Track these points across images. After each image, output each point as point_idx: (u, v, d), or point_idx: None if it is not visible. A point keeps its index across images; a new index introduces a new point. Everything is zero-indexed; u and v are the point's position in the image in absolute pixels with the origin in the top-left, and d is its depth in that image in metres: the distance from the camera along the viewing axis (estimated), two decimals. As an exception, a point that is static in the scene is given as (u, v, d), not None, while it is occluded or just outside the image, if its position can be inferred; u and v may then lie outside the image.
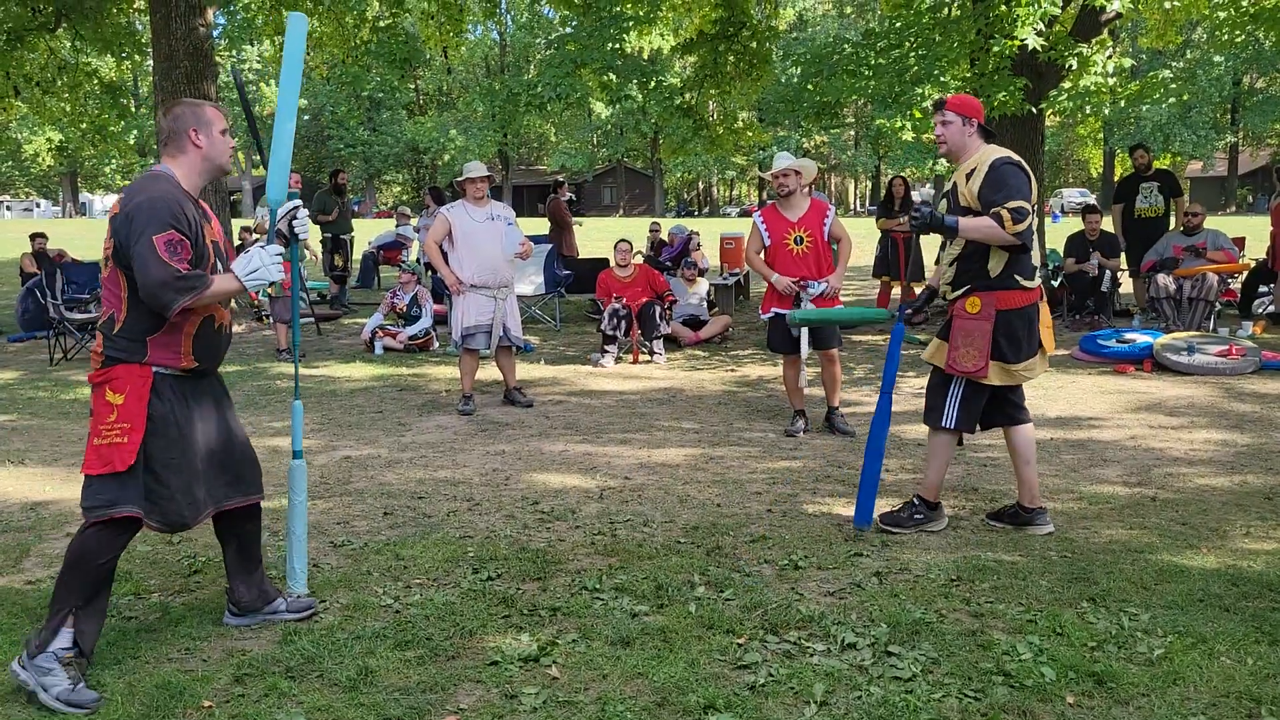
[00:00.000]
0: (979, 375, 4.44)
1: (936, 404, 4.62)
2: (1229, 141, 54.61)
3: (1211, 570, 4.10)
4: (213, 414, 3.57)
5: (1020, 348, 4.47)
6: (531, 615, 3.81)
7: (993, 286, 4.44)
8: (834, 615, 3.75)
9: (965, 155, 4.53)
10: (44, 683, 3.17)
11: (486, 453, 6.34)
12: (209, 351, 3.50)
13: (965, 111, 4.49)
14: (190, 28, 12.04)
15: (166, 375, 3.38)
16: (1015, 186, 4.30)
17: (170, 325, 3.34)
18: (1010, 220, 4.24)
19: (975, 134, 4.52)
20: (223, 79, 51.66)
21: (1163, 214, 11.20)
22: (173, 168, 3.44)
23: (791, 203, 6.65)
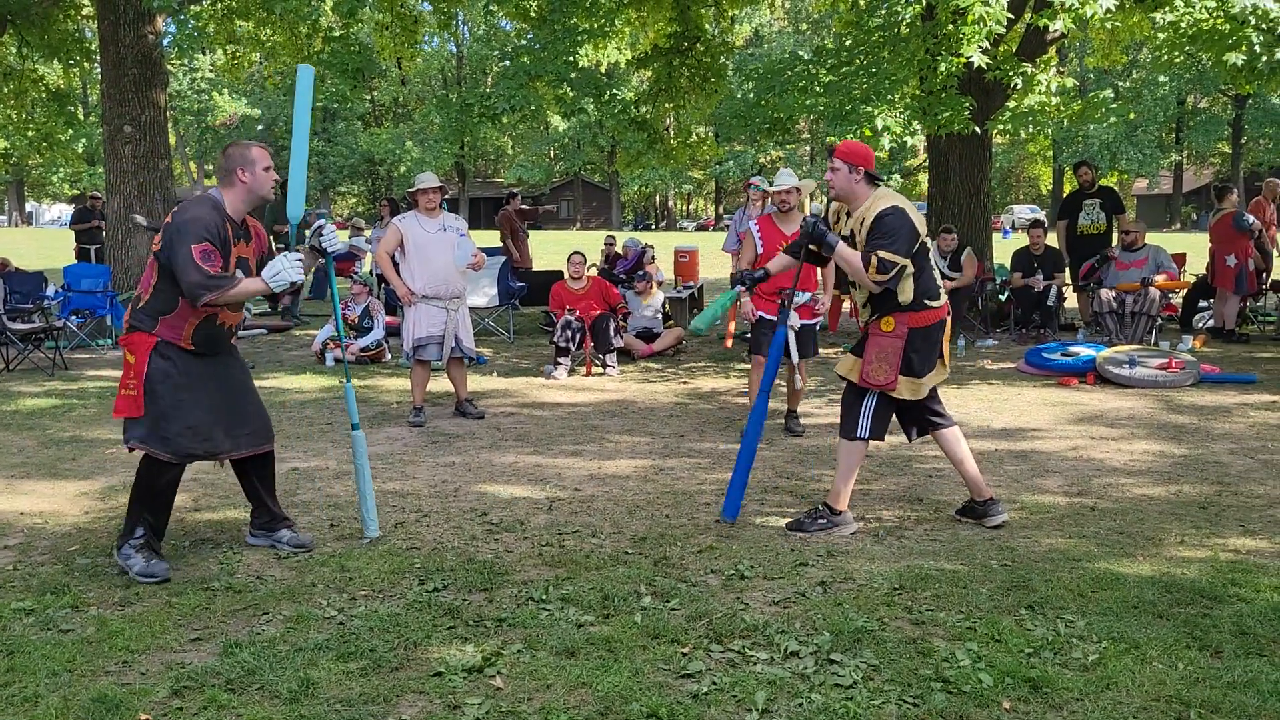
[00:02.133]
0: (889, 388, 4.72)
1: (851, 416, 4.86)
2: (1174, 160, 55.75)
3: (1146, 578, 4.19)
4: (223, 379, 4.44)
5: (926, 362, 4.76)
6: (477, 626, 3.81)
7: (905, 310, 4.72)
8: (778, 624, 3.79)
9: (855, 201, 4.80)
10: (127, 564, 4.29)
11: (436, 464, 6.32)
12: (208, 342, 4.36)
13: (852, 159, 4.72)
14: (139, 35, 11.94)
15: (168, 343, 4.26)
16: (894, 236, 4.58)
17: (177, 313, 4.24)
18: (875, 268, 4.58)
19: (862, 181, 4.75)
20: (174, 87, 50.78)
21: (1105, 230, 11.43)
22: (223, 194, 4.36)
23: (789, 218, 6.98)
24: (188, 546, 4.75)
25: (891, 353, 4.69)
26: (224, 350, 4.50)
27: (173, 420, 4.24)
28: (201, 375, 4.34)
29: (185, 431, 4.27)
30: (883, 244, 4.59)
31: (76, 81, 20.61)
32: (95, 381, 9.43)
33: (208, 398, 4.35)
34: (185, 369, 4.28)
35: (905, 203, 4.73)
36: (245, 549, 4.71)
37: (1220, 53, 8.08)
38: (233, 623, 3.87)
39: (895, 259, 4.60)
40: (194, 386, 4.30)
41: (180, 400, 4.26)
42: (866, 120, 8.71)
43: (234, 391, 4.49)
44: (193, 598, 4.09)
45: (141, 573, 4.25)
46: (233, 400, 4.47)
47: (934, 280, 4.79)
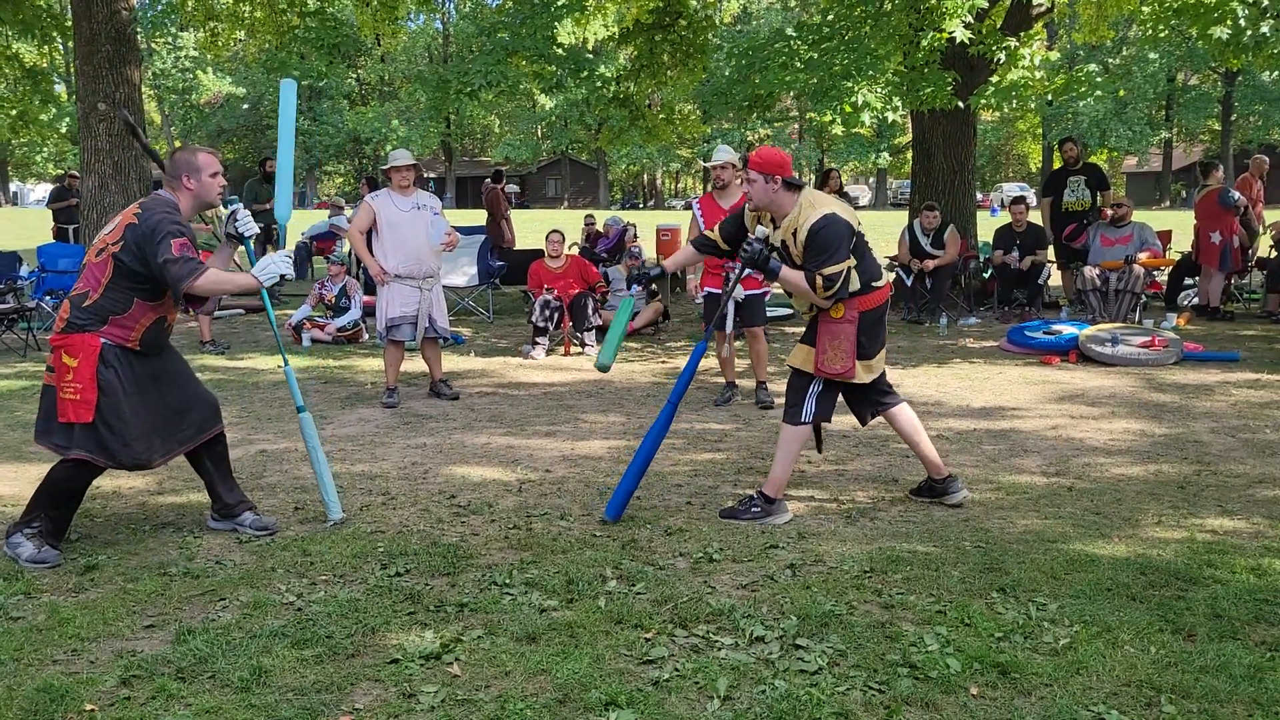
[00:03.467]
0: (847, 376, 4.59)
1: (795, 401, 4.71)
2: (1163, 137, 55.66)
3: (1121, 559, 4.12)
4: (164, 375, 4.40)
5: (876, 342, 4.68)
6: (437, 612, 3.73)
7: (854, 295, 4.59)
8: (744, 608, 3.71)
9: (780, 212, 4.62)
10: (16, 553, 4.19)
11: (407, 446, 6.23)
12: (153, 342, 4.34)
13: (766, 169, 4.54)
14: (113, 10, 11.74)
15: (112, 346, 4.17)
16: (832, 249, 4.44)
17: (130, 314, 4.19)
18: (821, 288, 4.45)
19: (780, 189, 4.57)
20: (158, 66, 50.46)
21: (1090, 207, 11.34)
22: (175, 195, 4.35)
23: (727, 193, 7.07)
24: (147, 531, 4.66)
25: (845, 339, 4.56)
26: (164, 346, 4.49)
27: (119, 434, 4.20)
28: (144, 378, 4.30)
29: (133, 443, 4.23)
30: (823, 260, 4.44)
31: (59, 59, 20.36)
32: (67, 363, 9.29)
33: (152, 403, 4.32)
34: (130, 376, 4.24)
35: (831, 203, 4.58)
36: (206, 533, 4.62)
37: (1205, 26, 7.98)
38: (188, 609, 3.78)
39: (838, 269, 4.46)
40: (138, 394, 4.26)
41: (124, 413, 4.20)
42: (847, 96, 8.60)
43: (174, 387, 4.46)
44: (149, 583, 4.00)
45: (31, 559, 4.16)
46: (174, 396, 4.43)
47: (875, 262, 4.69)
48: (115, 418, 4.18)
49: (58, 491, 4.27)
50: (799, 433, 4.72)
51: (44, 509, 4.25)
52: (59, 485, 4.26)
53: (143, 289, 4.21)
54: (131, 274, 4.17)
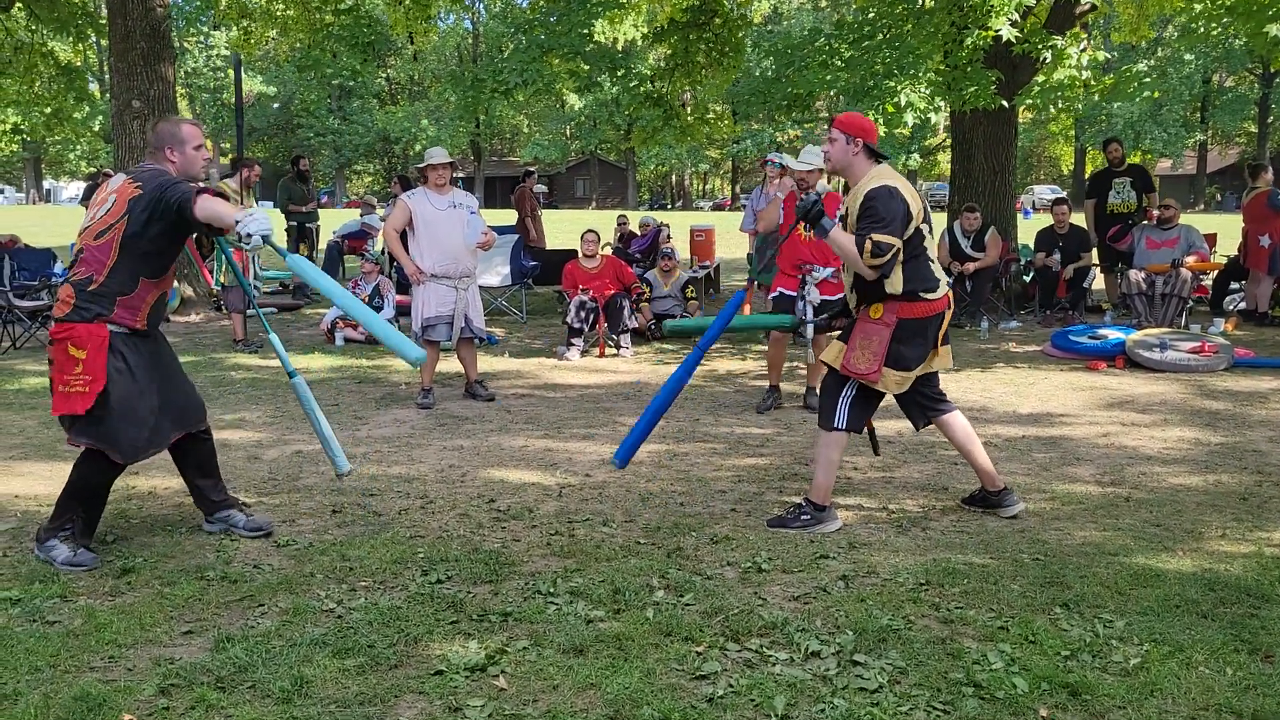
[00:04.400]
0: (870, 379, 4.44)
1: (828, 405, 4.58)
2: (1198, 140, 54.96)
3: (1188, 574, 3.97)
4: (161, 364, 4.34)
5: (914, 356, 4.48)
6: (481, 621, 3.62)
7: (896, 299, 4.42)
8: (798, 621, 3.58)
9: (853, 175, 4.51)
10: (51, 556, 4.15)
11: (444, 448, 6.13)
12: (155, 319, 4.32)
13: (850, 130, 4.46)
14: (148, 8, 11.73)
15: (120, 334, 4.12)
16: (883, 218, 4.29)
17: (137, 293, 4.14)
18: (869, 251, 4.28)
19: (860, 154, 4.47)
20: (190, 65, 50.55)
21: (1135, 209, 11.11)
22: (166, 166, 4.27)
23: (781, 189, 7.02)
24: (184, 533, 4.58)
25: (877, 341, 4.41)
26: (158, 328, 4.43)
27: (129, 420, 4.14)
28: (145, 363, 4.23)
29: (139, 431, 4.19)
30: (876, 227, 4.28)
31: (93, 57, 20.46)
32: (102, 360, 9.28)
33: (153, 386, 4.25)
34: (135, 361, 4.18)
35: (902, 182, 4.42)
36: (242, 536, 4.53)
37: (1259, 25, 7.77)
38: (226, 615, 3.70)
39: (890, 241, 4.28)
40: (142, 378, 4.19)
41: (131, 398, 4.14)
42: (889, 96, 8.44)
43: (170, 372, 4.42)
44: (186, 587, 3.92)
45: (67, 562, 4.12)
46: (171, 381, 4.39)
47: (931, 271, 4.46)
48: (119, 405, 4.10)
49: (79, 489, 4.21)
50: (835, 438, 4.58)
51: (72, 509, 4.20)
52: (79, 482, 4.21)
53: (147, 266, 4.16)
54: (140, 252, 4.11)
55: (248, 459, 5.87)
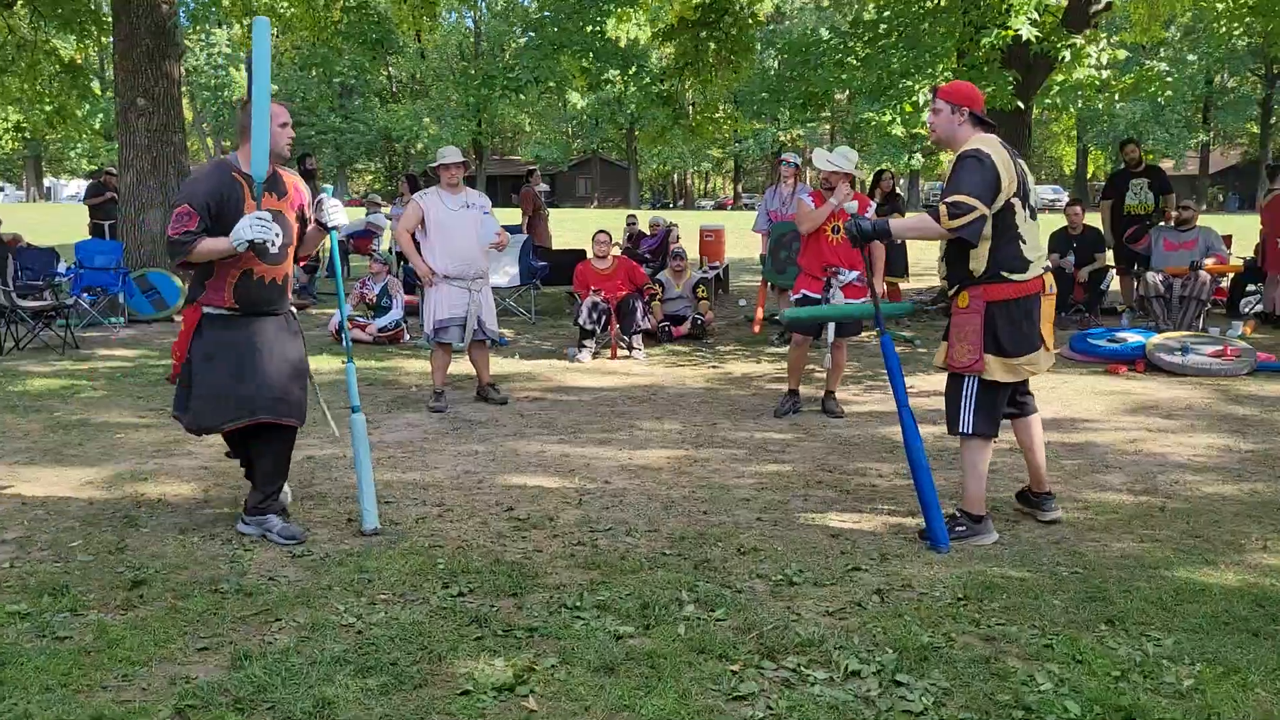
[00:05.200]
0: (975, 369, 4.30)
1: (952, 410, 4.45)
2: (1200, 140, 54.83)
3: (1233, 589, 3.85)
4: (268, 347, 4.43)
5: (1018, 340, 4.29)
6: (506, 637, 3.50)
7: (979, 282, 4.28)
8: (835, 638, 3.46)
9: (956, 145, 4.32)
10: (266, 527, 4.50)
11: (458, 453, 6.01)
12: (248, 298, 4.38)
13: (955, 99, 4.30)
14: (152, 5, 11.62)
15: (213, 315, 4.38)
16: (966, 181, 4.12)
17: (216, 275, 4.34)
18: (946, 215, 4.14)
19: (966, 122, 4.31)
20: (191, 62, 50.28)
21: (1152, 211, 10.98)
22: (238, 154, 4.41)
23: (836, 196, 6.68)
24: (196, 542, 4.45)
25: (970, 331, 4.27)
26: (269, 312, 4.48)
27: (193, 391, 4.40)
28: (232, 342, 4.38)
29: (201, 401, 4.37)
30: (957, 189, 4.11)
31: (94, 55, 20.32)
32: (106, 362, 9.16)
33: (231, 364, 4.37)
34: (217, 338, 4.38)
35: (999, 151, 4.18)
36: (257, 545, 4.41)
37: (1284, 22, 7.66)
38: (242, 630, 3.57)
39: (968, 201, 4.09)
40: (219, 355, 4.37)
41: (201, 370, 4.38)
42: (907, 95, 8.32)
43: (266, 358, 4.43)
44: (200, 601, 3.79)
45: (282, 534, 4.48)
46: (262, 365, 4.41)
47: (1020, 250, 4.25)
48: (192, 377, 4.42)
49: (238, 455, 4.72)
50: (973, 444, 4.41)
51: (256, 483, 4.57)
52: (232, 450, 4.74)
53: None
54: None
55: (258, 464, 5.74)
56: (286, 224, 4.45)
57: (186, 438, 6.32)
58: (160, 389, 7.87)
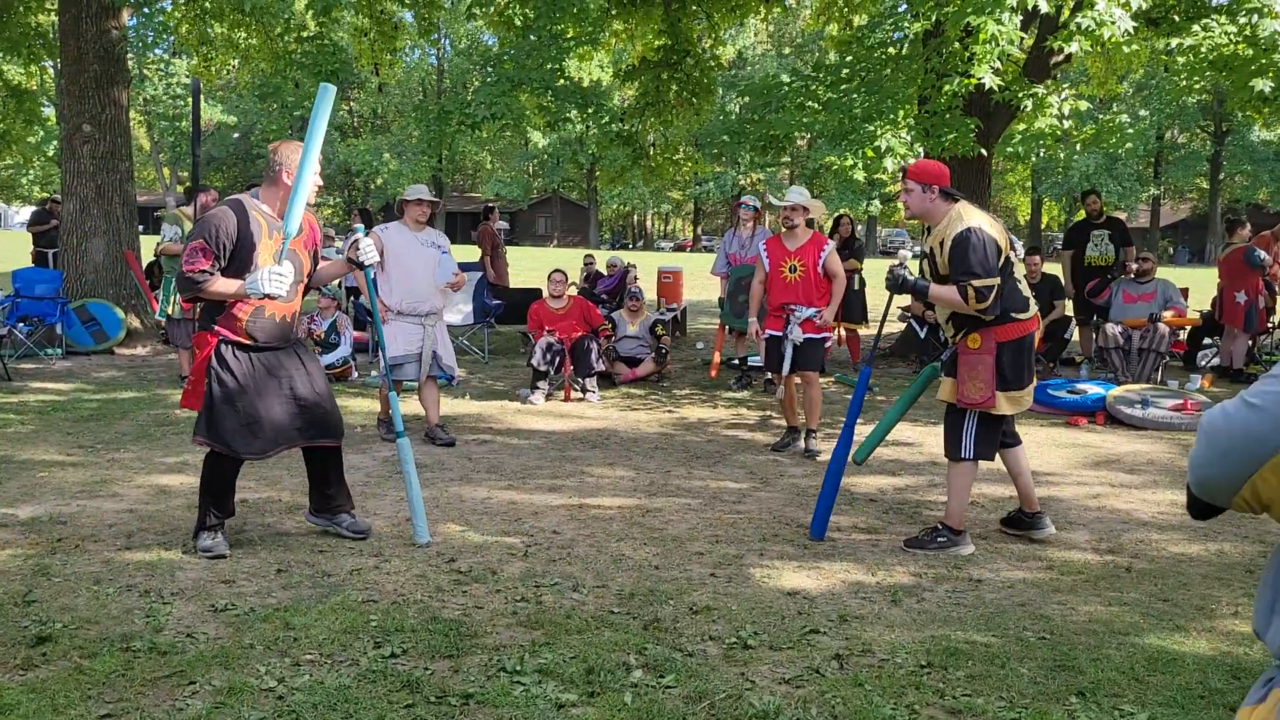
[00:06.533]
0: (987, 405, 4.68)
1: (954, 438, 4.82)
2: (1151, 194, 55.87)
3: (1206, 658, 3.68)
4: (286, 374, 4.58)
5: (1021, 374, 4.76)
6: (439, 704, 3.24)
7: (990, 325, 4.68)
8: (791, 710, 3.24)
9: (934, 219, 4.74)
10: (199, 545, 4.59)
11: (400, 499, 5.72)
12: (263, 333, 4.52)
13: (924, 179, 4.68)
14: (101, 30, 11.34)
15: (229, 342, 4.47)
16: (977, 260, 4.51)
17: (229, 310, 4.44)
18: (974, 298, 4.53)
19: (937, 199, 4.70)
20: (149, 92, 49.87)
21: (1113, 263, 10.98)
22: (261, 193, 4.58)
23: (794, 235, 7.09)
24: (110, 594, 4.15)
25: (983, 369, 4.64)
26: (285, 345, 4.64)
27: (226, 417, 4.45)
28: (256, 373, 4.51)
29: (238, 430, 4.47)
30: (968, 271, 4.50)
31: (50, 79, 19.94)
32: (39, 395, 8.79)
33: (260, 396, 4.50)
34: (240, 368, 4.47)
35: (983, 218, 4.64)
36: (176, 597, 4.12)
37: (1246, 79, 7.66)
38: (152, 694, 3.28)
39: (990, 283, 4.52)
40: (247, 385, 4.47)
41: (231, 398, 4.45)
42: (869, 140, 8.24)
43: (291, 389, 4.60)
44: (108, 660, 3.50)
45: (202, 548, 4.56)
46: (289, 397, 4.59)
47: (1020, 291, 4.75)
48: (219, 403, 4.45)
49: (206, 484, 4.61)
50: (964, 468, 4.82)
51: (206, 505, 4.61)
52: (205, 477, 4.62)
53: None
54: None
55: (188, 507, 5.42)
56: (299, 262, 4.56)
57: (114, 477, 6.01)
58: (92, 425, 7.53)
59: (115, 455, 6.62)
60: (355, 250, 4.70)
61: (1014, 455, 5.06)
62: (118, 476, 6.07)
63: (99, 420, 7.70)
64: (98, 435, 7.21)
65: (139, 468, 6.31)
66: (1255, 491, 1.26)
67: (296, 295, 4.63)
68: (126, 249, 11.73)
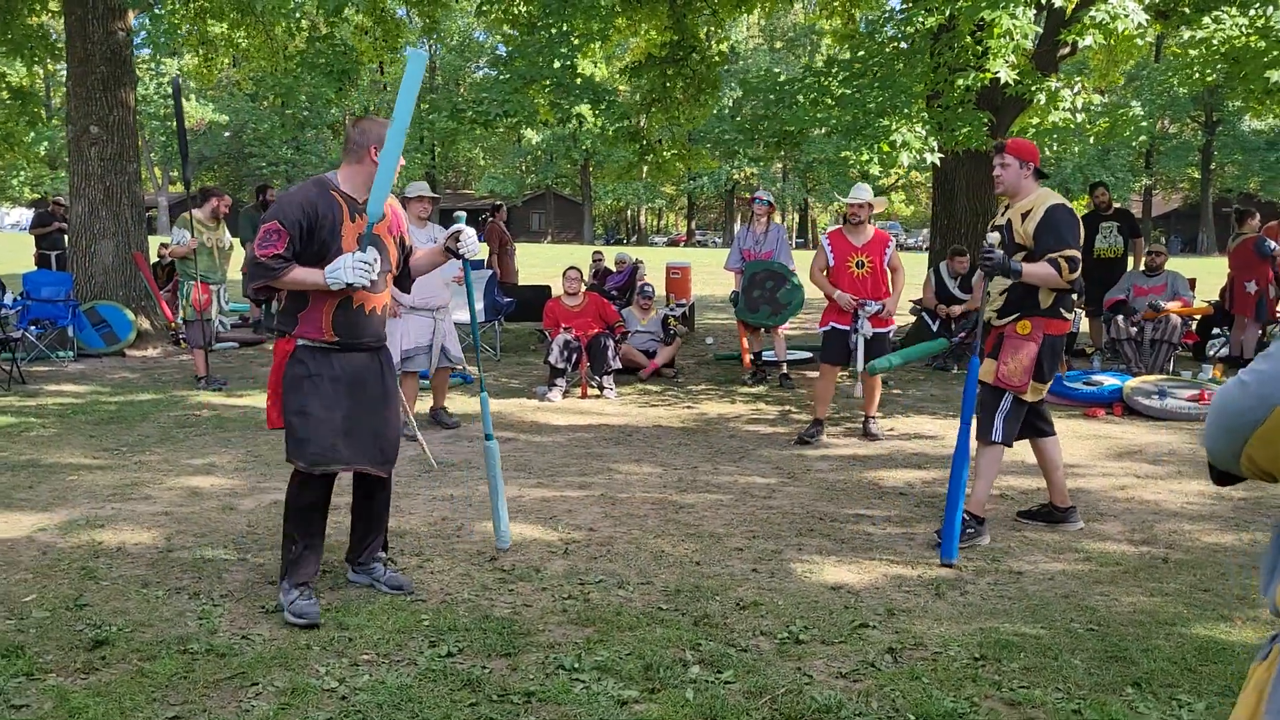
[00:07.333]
0: (1020, 390, 4.85)
1: (986, 420, 4.93)
2: (1144, 184, 56.04)
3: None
4: (366, 386, 4.05)
5: (1053, 369, 4.95)
6: (502, 702, 3.27)
7: (1043, 314, 4.86)
8: (853, 704, 3.27)
9: (1021, 196, 4.93)
10: (283, 600, 3.94)
11: (433, 498, 5.76)
12: (349, 328, 3.97)
13: (1023, 155, 4.89)
14: (108, 31, 11.30)
15: (310, 347, 3.94)
16: (1068, 234, 4.73)
17: (313, 304, 3.90)
18: (1067, 269, 4.69)
19: (1030, 176, 4.93)
20: (141, 91, 50.01)
21: (1122, 254, 11.03)
22: (341, 171, 4.02)
23: (858, 230, 7.37)
24: (160, 597, 4.17)
25: (1026, 356, 4.81)
26: (367, 346, 4.08)
27: (301, 425, 3.92)
28: (335, 376, 3.98)
29: (313, 438, 3.92)
30: (1063, 243, 4.68)
31: (39, 80, 19.84)
32: (55, 398, 8.78)
33: (337, 401, 3.98)
34: (318, 370, 3.95)
35: (1066, 201, 4.89)
36: (227, 600, 4.14)
37: (1259, 70, 7.70)
38: (216, 696, 3.30)
39: (1077, 255, 4.71)
40: (324, 390, 3.95)
41: (307, 405, 3.92)
42: (884, 134, 8.25)
43: (371, 401, 4.08)
44: (168, 663, 3.52)
45: (293, 612, 3.89)
46: (364, 409, 4.05)
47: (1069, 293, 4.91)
48: (297, 411, 3.92)
49: (287, 510, 4.08)
50: (993, 453, 4.95)
51: (289, 538, 4.04)
52: (286, 502, 4.09)
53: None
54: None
55: (222, 509, 5.45)
56: (385, 250, 4.06)
57: (144, 480, 6.02)
58: (113, 427, 7.52)
59: (141, 458, 6.61)
60: (458, 242, 4.16)
61: (1050, 446, 5.16)
62: (147, 479, 6.07)
63: (120, 423, 7.70)
64: (120, 438, 7.21)
65: (167, 470, 6.31)
66: (1252, 460, 1.37)
67: (387, 285, 4.14)
68: (135, 250, 11.71)
